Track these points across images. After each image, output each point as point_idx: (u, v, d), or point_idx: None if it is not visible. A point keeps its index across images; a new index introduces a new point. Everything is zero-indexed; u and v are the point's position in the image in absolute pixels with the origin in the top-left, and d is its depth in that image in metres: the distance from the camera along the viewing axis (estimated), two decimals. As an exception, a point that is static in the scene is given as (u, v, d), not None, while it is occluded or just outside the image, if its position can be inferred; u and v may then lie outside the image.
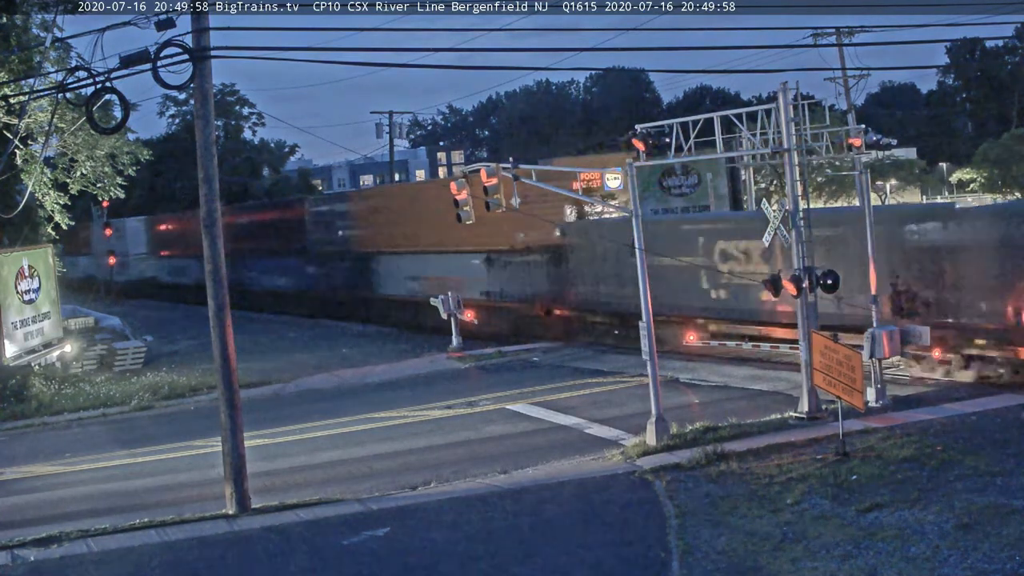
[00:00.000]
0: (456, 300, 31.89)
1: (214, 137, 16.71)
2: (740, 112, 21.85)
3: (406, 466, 18.65)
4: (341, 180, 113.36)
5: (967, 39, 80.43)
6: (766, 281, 19.87)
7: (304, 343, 37.24)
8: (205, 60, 16.02)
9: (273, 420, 23.13)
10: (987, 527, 12.48)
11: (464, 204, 21.04)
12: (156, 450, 21.30)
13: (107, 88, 16.36)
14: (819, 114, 40.21)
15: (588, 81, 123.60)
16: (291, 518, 15.74)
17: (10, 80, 28.39)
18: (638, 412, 20.07)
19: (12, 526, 16.20)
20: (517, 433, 20.67)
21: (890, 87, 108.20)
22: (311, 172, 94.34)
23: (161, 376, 29.56)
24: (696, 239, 28.40)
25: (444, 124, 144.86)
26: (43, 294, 31.35)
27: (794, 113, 20.16)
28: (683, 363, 25.91)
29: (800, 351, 19.71)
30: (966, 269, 21.34)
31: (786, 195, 20.30)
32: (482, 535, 14.34)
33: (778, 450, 17.07)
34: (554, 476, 17.04)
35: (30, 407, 26.18)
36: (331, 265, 43.18)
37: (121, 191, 34.29)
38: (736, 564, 12.30)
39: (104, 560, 14.32)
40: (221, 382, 16.57)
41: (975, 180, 58.10)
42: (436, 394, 25.13)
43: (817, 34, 48.29)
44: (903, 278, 22.27)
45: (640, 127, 20.39)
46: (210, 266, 16.51)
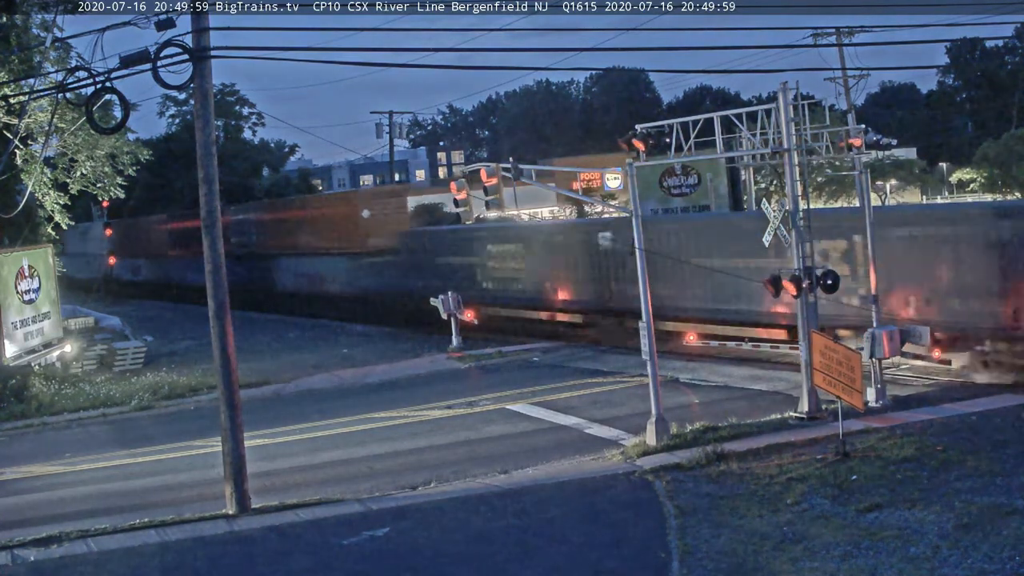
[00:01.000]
0: (456, 300, 31.90)
1: (214, 137, 16.71)
2: (740, 112, 21.85)
3: (406, 466, 18.65)
4: (341, 180, 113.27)
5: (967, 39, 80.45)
6: (766, 280, 19.84)
7: (304, 343, 37.22)
8: (205, 60, 16.01)
9: (273, 420, 23.13)
10: (987, 527, 12.48)
11: (464, 204, 21.16)
12: (156, 450, 21.30)
13: (107, 88, 16.37)
14: (819, 114, 40.22)
15: (588, 81, 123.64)
16: (291, 518, 15.74)
17: (10, 80, 28.38)
18: (638, 412, 20.07)
19: (12, 526, 16.20)
20: (517, 433, 20.67)
21: (890, 87, 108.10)
22: (311, 172, 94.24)
23: (161, 376, 29.55)
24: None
25: (444, 124, 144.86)
26: (43, 294, 31.35)
27: (794, 113, 20.16)
28: (683, 363, 25.90)
29: (800, 351, 19.72)
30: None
31: (786, 195, 20.29)
32: (482, 535, 14.34)
33: (778, 450, 17.07)
34: (554, 476, 17.04)
35: (30, 407, 26.16)
36: (247, 264, 49.32)
37: (121, 191, 34.27)
38: (736, 564, 12.30)
39: (104, 560, 14.31)
40: (221, 382, 16.57)
41: (975, 180, 58.10)
42: (436, 394, 25.13)
43: (817, 34, 48.36)
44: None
45: (640, 127, 20.40)
46: (210, 266, 16.51)
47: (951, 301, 21.66)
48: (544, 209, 58.96)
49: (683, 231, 28.94)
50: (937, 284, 22.01)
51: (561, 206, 57.60)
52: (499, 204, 20.25)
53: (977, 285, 21.17)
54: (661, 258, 24.86)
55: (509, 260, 34.85)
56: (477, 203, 21.66)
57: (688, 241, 28.09)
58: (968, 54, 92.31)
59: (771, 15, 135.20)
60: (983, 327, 20.97)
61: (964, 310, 21.43)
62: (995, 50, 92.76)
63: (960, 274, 21.54)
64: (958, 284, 21.55)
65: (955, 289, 21.63)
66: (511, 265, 34.80)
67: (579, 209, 33.63)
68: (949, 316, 21.55)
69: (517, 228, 36.38)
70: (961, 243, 21.61)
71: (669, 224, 31.32)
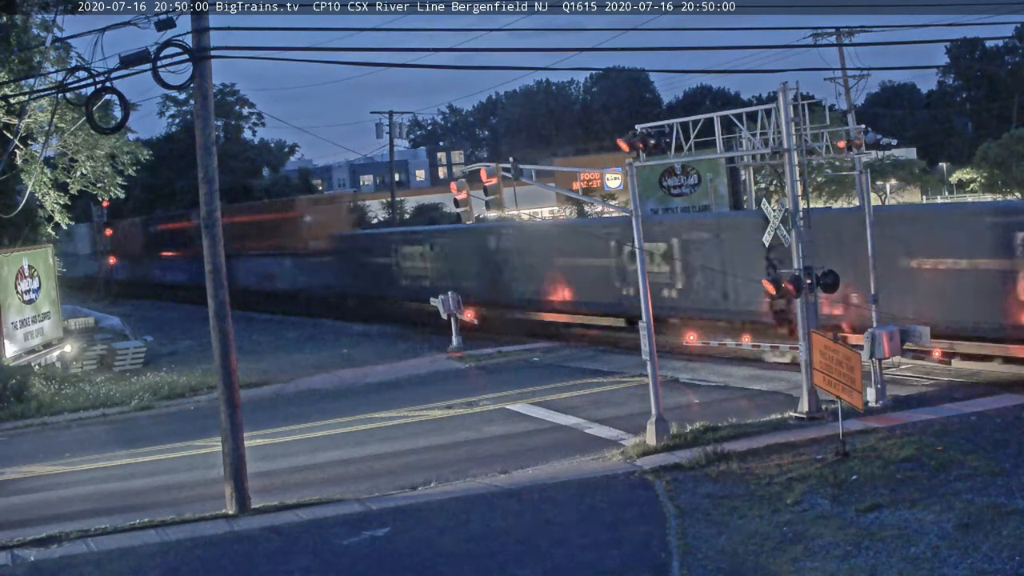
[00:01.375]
0: (456, 300, 31.90)
1: (214, 137, 16.70)
2: (740, 112, 21.85)
3: (406, 466, 18.65)
4: (341, 180, 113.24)
5: (967, 39, 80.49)
6: (766, 280, 19.85)
7: (303, 343, 37.23)
8: (205, 60, 16.01)
9: (273, 420, 23.14)
10: (987, 527, 12.48)
11: (464, 204, 21.18)
12: (156, 450, 21.30)
13: (107, 88, 16.35)
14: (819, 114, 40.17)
15: (588, 81, 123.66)
16: (291, 518, 15.74)
17: (10, 80, 28.36)
18: (638, 412, 20.07)
19: (12, 526, 16.20)
20: (517, 433, 20.67)
21: (890, 87, 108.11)
22: (311, 172, 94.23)
23: (161, 376, 29.55)
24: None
25: (444, 124, 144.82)
26: (43, 294, 31.34)
27: (794, 113, 20.15)
28: (683, 363, 25.92)
29: (800, 351, 19.72)
30: None
31: (786, 195, 20.30)
32: (482, 535, 14.34)
33: (778, 450, 17.07)
34: (554, 476, 17.04)
35: (30, 407, 26.15)
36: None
37: (121, 191, 34.24)
38: (736, 564, 12.30)
39: (104, 560, 14.31)
40: (221, 382, 16.57)
41: (975, 180, 58.07)
42: (436, 394, 25.13)
43: (817, 34, 48.31)
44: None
45: (640, 127, 20.40)
46: (210, 266, 16.50)
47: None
48: (544, 209, 59.04)
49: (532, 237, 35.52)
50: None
51: (561, 206, 57.66)
52: (499, 204, 20.27)
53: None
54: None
55: (418, 260, 39.32)
56: (477, 203, 21.70)
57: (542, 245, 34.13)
58: (968, 54, 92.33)
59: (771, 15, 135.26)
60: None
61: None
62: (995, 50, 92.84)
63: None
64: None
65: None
66: (419, 264, 39.24)
67: (579, 209, 33.81)
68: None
69: (422, 232, 42.07)
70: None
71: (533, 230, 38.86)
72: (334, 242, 44.75)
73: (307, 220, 47.90)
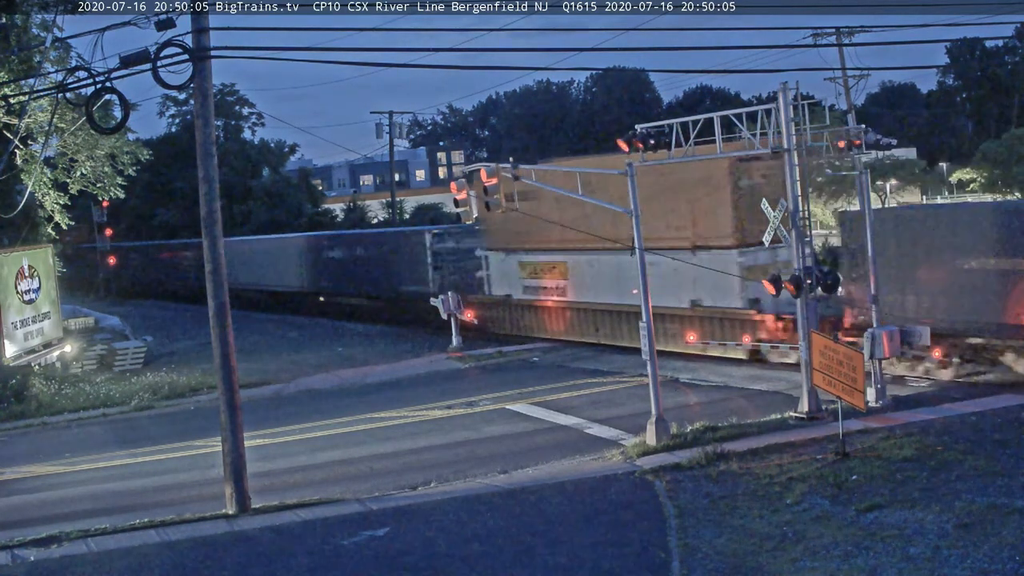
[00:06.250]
0: (456, 300, 31.91)
1: (214, 137, 16.70)
2: (740, 112, 21.83)
3: (406, 466, 18.65)
4: (341, 180, 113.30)
5: (967, 39, 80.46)
6: (766, 280, 19.83)
7: (304, 343, 37.23)
8: (205, 60, 16.01)
9: (273, 420, 23.14)
10: (987, 527, 12.48)
11: (464, 204, 21.21)
12: (156, 450, 21.31)
13: (107, 88, 16.36)
14: (819, 114, 40.15)
15: (588, 81, 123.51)
16: (291, 518, 15.75)
17: (10, 80, 28.36)
18: (638, 412, 20.07)
19: (12, 526, 16.21)
20: (517, 433, 20.67)
21: (890, 87, 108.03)
22: (311, 172, 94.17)
23: (161, 376, 29.56)
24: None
25: (444, 124, 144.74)
26: (43, 294, 31.35)
27: (794, 113, 20.15)
28: (683, 363, 25.91)
29: (800, 351, 19.72)
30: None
31: (786, 195, 20.28)
32: (482, 535, 14.34)
33: (778, 450, 17.07)
34: (554, 476, 17.04)
35: (30, 407, 26.18)
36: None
37: (121, 191, 34.25)
38: (736, 564, 12.29)
39: (104, 560, 14.32)
40: (221, 382, 16.57)
41: (975, 180, 58.00)
42: (436, 394, 25.13)
43: (817, 34, 48.30)
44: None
45: (640, 127, 20.38)
46: (210, 266, 16.50)
47: None
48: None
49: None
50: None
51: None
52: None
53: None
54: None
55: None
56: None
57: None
58: (968, 54, 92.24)
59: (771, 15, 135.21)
60: None
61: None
62: (995, 50, 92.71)
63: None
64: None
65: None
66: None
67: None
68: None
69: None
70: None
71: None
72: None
73: None
